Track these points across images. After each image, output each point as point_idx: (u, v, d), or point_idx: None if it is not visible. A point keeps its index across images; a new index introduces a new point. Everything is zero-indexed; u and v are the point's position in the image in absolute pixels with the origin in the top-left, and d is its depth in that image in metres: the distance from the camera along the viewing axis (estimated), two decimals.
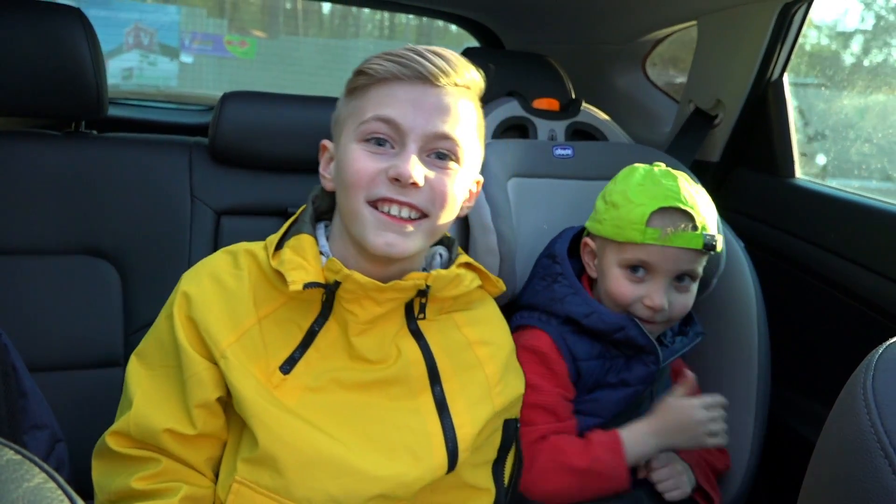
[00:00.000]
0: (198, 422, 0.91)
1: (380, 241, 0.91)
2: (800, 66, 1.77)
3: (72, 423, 1.09)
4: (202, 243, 1.43)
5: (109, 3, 4.42)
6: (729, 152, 1.66)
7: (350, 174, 0.91)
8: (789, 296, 1.45)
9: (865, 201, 1.35)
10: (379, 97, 0.92)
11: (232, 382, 0.90)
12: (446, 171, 0.93)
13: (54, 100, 1.37)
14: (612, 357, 1.21)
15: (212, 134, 1.46)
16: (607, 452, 1.12)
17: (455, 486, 1.00)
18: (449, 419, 0.96)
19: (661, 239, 1.12)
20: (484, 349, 1.03)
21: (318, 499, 0.89)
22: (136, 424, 0.91)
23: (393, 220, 0.91)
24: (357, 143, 0.92)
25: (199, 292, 0.94)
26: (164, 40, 4.41)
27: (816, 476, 0.54)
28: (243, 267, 0.97)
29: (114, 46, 4.35)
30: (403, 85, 0.91)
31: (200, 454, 0.93)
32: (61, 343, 1.32)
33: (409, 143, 0.90)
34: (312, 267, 0.93)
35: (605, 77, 2.00)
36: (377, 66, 0.91)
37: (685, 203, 1.14)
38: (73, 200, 1.37)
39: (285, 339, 0.94)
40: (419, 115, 0.90)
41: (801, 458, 1.32)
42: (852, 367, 0.57)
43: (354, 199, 0.92)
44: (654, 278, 1.15)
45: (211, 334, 0.92)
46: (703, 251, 1.15)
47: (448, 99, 0.92)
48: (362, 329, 0.95)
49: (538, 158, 1.43)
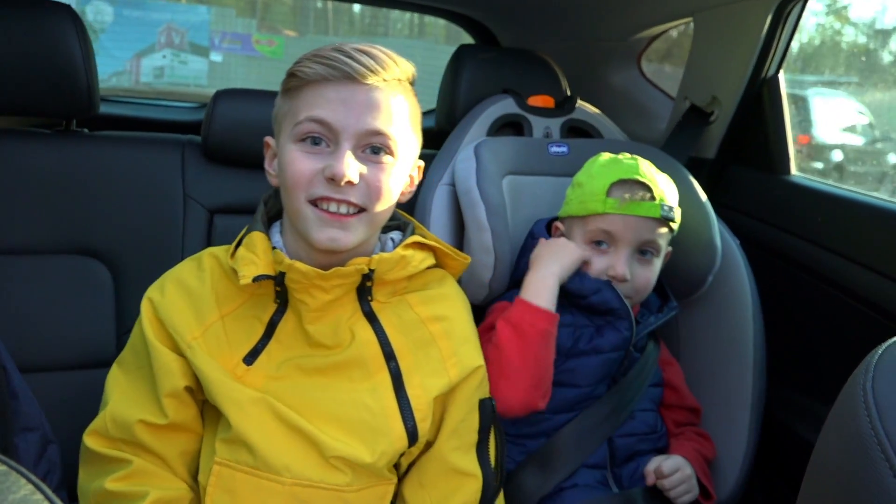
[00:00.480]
0: (168, 411, 0.96)
1: (323, 237, 0.96)
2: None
3: (64, 424, 1.09)
4: (195, 242, 1.42)
5: (143, 3, 4.62)
6: (725, 149, 1.65)
7: (289, 175, 0.97)
8: (785, 293, 1.45)
9: (861, 198, 1.35)
10: (311, 98, 0.96)
11: (199, 367, 0.96)
12: (381, 166, 0.98)
13: (45, 98, 1.36)
14: (581, 325, 1.23)
15: (204, 132, 1.45)
16: (516, 310, 1.17)
17: (441, 473, 1.03)
18: (404, 394, 1.01)
19: (619, 207, 1.19)
20: (436, 325, 1.07)
21: (295, 467, 0.95)
22: (112, 419, 0.97)
23: (333, 217, 0.96)
24: (294, 144, 0.97)
25: (162, 297, 1.01)
26: (194, 39, 4.61)
27: (816, 477, 0.53)
28: (206, 268, 1.04)
29: (146, 45, 4.55)
30: (333, 85, 0.95)
31: (174, 446, 0.98)
32: (53, 343, 1.32)
33: (342, 141, 0.95)
34: (262, 261, 0.98)
35: (601, 74, 2.00)
36: (307, 68, 0.96)
37: (643, 176, 1.21)
38: (64, 199, 1.36)
39: (248, 333, 1.00)
40: (350, 114, 0.95)
41: (797, 455, 1.33)
42: (849, 365, 0.57)
43: (296, 199, 0.97)
44: (616, 249, 1.21)
45: (177, 330, 0.98)
46: (662, 221, 1.21)
47: (378, 95, 0.96)
48: (315, 316, 0.99)
49: (533, 156, 1.42)
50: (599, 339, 1.23)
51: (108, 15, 4.71)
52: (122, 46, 4.69)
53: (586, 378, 1.22)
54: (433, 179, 1.41)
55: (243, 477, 0.95)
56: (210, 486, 0.95)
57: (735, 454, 1.31)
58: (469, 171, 1.32)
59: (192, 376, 0.98)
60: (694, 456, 1.24)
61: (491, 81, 1.60)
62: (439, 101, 1.67)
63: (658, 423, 1.29)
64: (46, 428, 1.08)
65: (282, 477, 0.95)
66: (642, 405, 1.27)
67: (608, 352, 1.22)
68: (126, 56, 4.77)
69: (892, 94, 1.82)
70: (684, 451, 1.24)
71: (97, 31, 4.73)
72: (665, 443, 1.29)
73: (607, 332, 1.23)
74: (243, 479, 0.95)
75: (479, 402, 1.07)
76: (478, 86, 1.58)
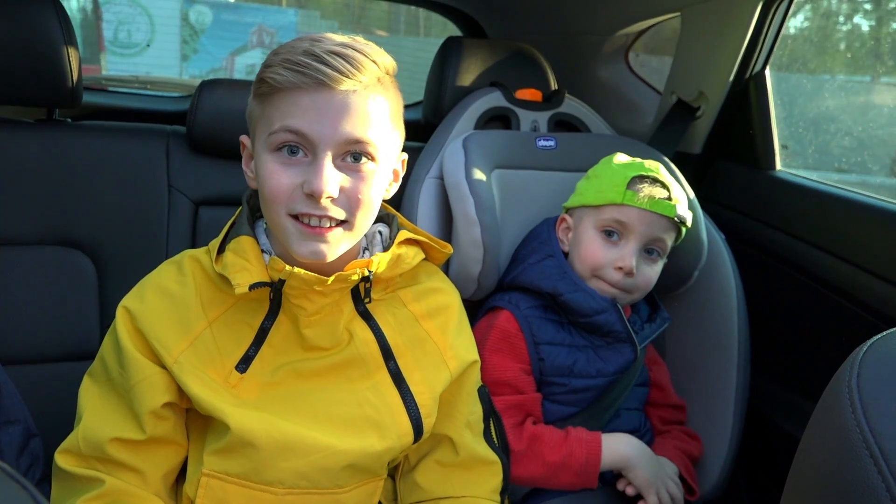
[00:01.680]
0: (147, 426, 0.92)
1: (305, 251, 0.91)
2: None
3: (47, 417, 1.08)
4: (180, 234, 1.41)
5: (239, 7, 5.21)
6: (711, 144, 1.66)
7: (268, 190, 0.91)
8: (769, 288, 1.46)
9: (846, 194, 1.36)
10: (283, 106, 0.89)
11: (188, 385, 0.92)
12: (361, 175, 0.92)
13: (27, 87, 1.33)
14: (580, 347, 1.23)
15: (189, 122, 1.43)
16: (585, 449, 1.15)
17: (463, 465, 1.05)
18: (407, 389, 1.00)
19: (638, 200, 1.18)
20: (430, 322, 1.06)
21: (288, 479, 0.93)
22: (84, 438, 0.92)
23: (314, 231, 0.91)
24: (270, 154, 0.91)
25: (141, 306, 0.95)
26: (282, 40, 5.27)
27: (801, 474, 0.54)
28: (188, 273, 0.99)
29: (240, 45, 5.08)
30: (306, 93, 0.88)
31: (153, 462, 0.94)
32: (35, 336, 1.30)
33: (320, 152, 0.89)
34: (255, 267, 0.94)
35: (588, 68, 2.00)
36: (277, 75, 0.88)
37: (663, 178, 1.23)
38: (46, 190, 1.34)
39: (237, 339, 0.96)
40: (326, 124, 0.88)
41: (780, 449, 1.35)
42: (832, 360, 0.57)
43: (275, 213, 0.92)
44: (627, 242, 1.20)
45: (162, 342, 0.93)
46: (675, 223, 1.21)
47: (354, 100, 0.89)
48: (312, 320, 0.97)
49: (521, 150, 1.42)
50: (603, 363, 1.23)
51: (207, 18, 5.17)
52: (219, 46, 5.20)
53: (586, 399, 1.23)
54: (420, 172, 1.41)
55: (234, 489, 0.93)
56: (199, 499, 0.93)
57: (719, 448, 1.32)
58: (458, 164, 1.31)
59: (175, 391, 0.94)
60: (677, 454, 1.25)
61: (478, 74, 1.59)
62: (426, 94, 1.67)
63: (643, 422, 1.30)
64: (29, 421, 1.07)
65: (274, 488, 0.93)
66: (628, 404, 1.27)
67: (612, 375, 1.23)
68: (222, 55, 5.25)
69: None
70: (667, 451, 1.25)
71: (198, 32, 5.17)
72: (649, 440, 1.30)
73: (608, 354, 1.23)
74: (234, 490, 0.93)
75: (477, 392, 1.09)
76: (465, 79, 1.58)
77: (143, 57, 4.85)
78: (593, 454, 1.15)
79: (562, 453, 1.15)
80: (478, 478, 1.06)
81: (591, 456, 1.15)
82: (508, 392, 1.18)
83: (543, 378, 1.22)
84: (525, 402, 1.19)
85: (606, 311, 1.20)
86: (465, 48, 1.61)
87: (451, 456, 1.06)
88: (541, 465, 1.15)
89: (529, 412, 1.20)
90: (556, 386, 1.22)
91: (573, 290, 1.20)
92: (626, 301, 1.25)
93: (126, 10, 4.72)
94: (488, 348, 1.20)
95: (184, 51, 5.21)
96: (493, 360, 1.19)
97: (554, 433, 1.17)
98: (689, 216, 1.23)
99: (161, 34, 4.96)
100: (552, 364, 1.21)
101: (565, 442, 1.16)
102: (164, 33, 4.97)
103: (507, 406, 1.16)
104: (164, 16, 4.93)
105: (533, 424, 1.18)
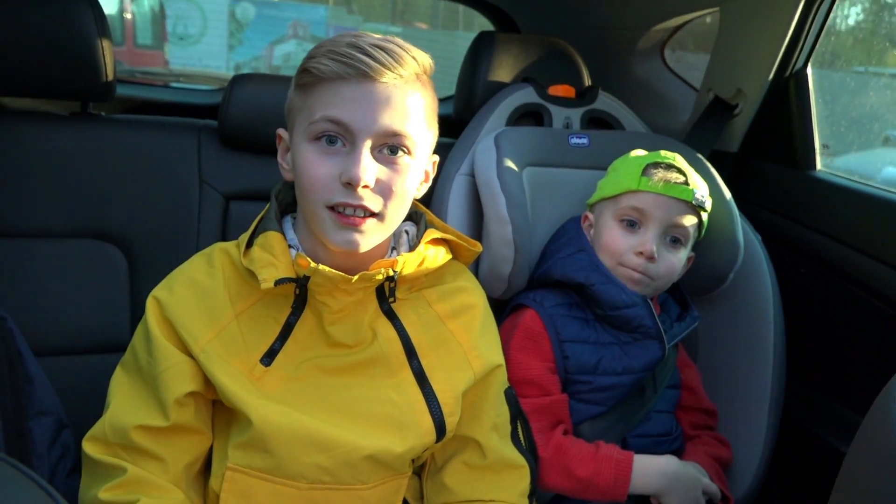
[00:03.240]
0: (171, 413, 0.93)
1: (340, 240, 0.93)
2: None
3: (78, 408, 1.09)
4: (210, 228, 1.42)
5: (279, 4, 6.34)
6: (748, 143, 1.62)
7: (306, 179, 0.93)
8: (807, 291, 1.42)
9: (888, 196, 1.32)
10: (326, 97, 0.92)
11: (214, 374, 0.93)
12: (397, 168, 0.94)
13: (62, 81, 1.35)
14: (605, 344, 1.21)
15: (221, 117, 1.44)
16: (614, 470, 1.13)
17: (491, 468, 1.05)
18: (430, 389, 1.00)
19: (653, 185, 1.19)
20: (454, 322, 1.06)
21: (311, 473, 0.94)
22: (111, 425, 0.94)
23: (349, 221, 0.93)
24: (309, 143, 0.94)
25: (171, 296, 0.98)
26: (314, 32, 6.23)
27: (846, 490, 0.52)
28: (217, 265, 1.01)
29: (278, 36, 6.05)
30: (349, 84, 0.91)
31: (176, 450, 0.95)
32: (67, 327, 1.32)
33: (359, 142, 0.91)
34: (282, 263, 0.95)
35: (623, 63, 1.97)
36: (321, 65, 0.91)
37: (679, 164, 1.23)
38: (79, 183, 1.36)
39: (263, 332, 0.98)
40: (367, 115, 0.91)
41: (815, 457, 1.31)
42: (873, 368, 0.55)
43: (313, 203, 0.94)
44: (646, 229, 1.20)
45: (190, 331, 0.95)
46: (693, 208, 1.20)
47: (395, 93, 0.92)
48: (337, 318, 0.98)
49: (553, 147, 1.40)
50: (630, 360, 1.21)
51: (251, 13, 6.09)
52: (260, 37, 6.17)
53: (613, 398, 1.21)
54: (451, 169, 1.39)
55: (258, 483, 0.94)
56: (224, 492, 0.94)
57: (752, 454, 1.29)
58: (489, 161, 1.30)
59: (202, 380, 0.95)
60: (708, 462, 1.23)
61: (511, 70, 1.57)
62: (458, 89, 1.65)
63: (674, 426, 1.28)
64: (61, 412, 1.08)
65: (297, 482, 0.94)
66: (659, 406, 1.25)
67: (639, 372, 1.21)
68: (263, 44, 6.23)
69: None
70: (698, 457, 1.23)
71: (243, 25, 6.11)
72: (679, 444, 1.27)
73: (636, 350, 1.21)
74: (258, 484, 0.94)
75: (504, 393, 1.09)
76: (497, 74, 1.56)
77: (196, 47, 5.64)
78: (622, 476, 1.13)
79: (590, 470, 1.13)
80: (505, 481, 1.05)
81: (619, 477, 1.13)
82: (534, 393, 1.17)
83: (569, 376, 1.21)
84: (552, 405, 1.17)
85: (637, 306, 1.19)
86: (497, 43, 1.59)
87: (478, 459, 1.05)
88: (566, 477, 1.13)
89: (558, 416, 1.18)
90: (581, 384, 1.20)
91: (605, 282, 1.19)
92: (652, 290, 1.23)
93: (183, 7, 5.58)
94: (513, 347, 1.19)
95: (230, 41, 6.08)
96: (518, 359, 1.18)
97: (583, 447, 1.15)
98: (708, 201, 1.22)
99: (212, 27, 5.75)
100: (577, 361, 1.20)
101: (594, 458, 1.14)
102: (214, 27, 5.79)
103: (533, 409, 1.15)
104: (215, 10, 5.79)
105: (563, 434, 1.17)
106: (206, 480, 1.00)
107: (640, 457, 1.15)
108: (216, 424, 1.00)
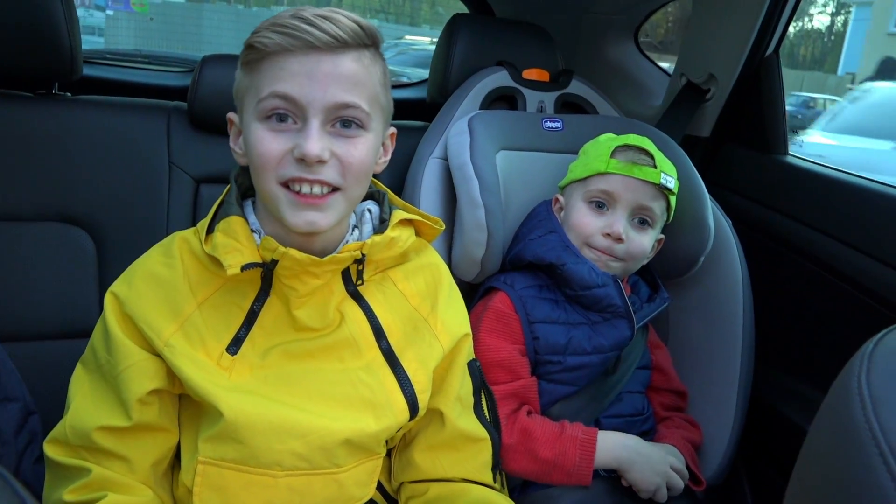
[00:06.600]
0: (133, 413, 0.91)
1: (300, 221, 0.90)
2: None
3: (45, 394, 1.07)
4: (180, 211, 1.40)
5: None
6: (720, 128, 1.64)
7: (257, 157, 0.90)
8: (776, 275, 1.44)
9: (856, 181, 1.34)
10: (273, 71, 0.88)
11: (179, 368, 0.91)
12: (353, 141, 0.91)
13: (26, 60, 1.31)
14: (575, 324, 1.23)
15: (190, 98, 1.41)
16: (579, 450, 1.14)
17: (452, 440, 1.05)
18: (401, 368, 1.00)
19: (621, 167, 1.21)
20: (419, 300, 1.05)
21: (286, 461, 0.92)
22: (72, 427, 0.91)
23: (307, 200, 0.90)
24: (259, 122, 0.90)
25: (129, 291, 0.95)
26: (97, 2, 8.67)
27: (807, 469, 0.52)
28: (176, 255, 0.97)
29: None
30: (295, 56, 0.87)
31: (140, 449, 0.93)
32: (34, 313, 1.29)
33: (310, 117, 0.88)
34: (247, 248, 0.93)
35: (597, 48, 1.97)
36: (265, 38, 0.88)
37: (648, 146, 1.25)
38: (45, 165, 1.33)
39: (227, 321, 0.95)
40: (316, 88, 0.87)
41: (783, 437, 1.34)
42: (839, 349, 0.56)
43: (266, 181, 0.91)
44: (615, 211, 1.22)
45: (152, 326, 0.92)
46: (660, 190, 1.22)
47: (344, 64, 0.89)
48: (303, 301, 0.96)
49: (527, 131, 1.40)
50: (599, 338, 1.22)
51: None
52: None
53: (582, 377, 1.22)
54: (424, 152, 1.39)
55: (232, 474, 0.92)
56: (196, 486, 0.92)
57: (720, 435, 1.31)
58: (463, 145, 1.30)
59: (164, 377, 0.93)
60: (683, 444, 1.24)
61: (485, 53, 1.56)
62: (432, 73, 1.64)
63: (645, 406, 1.29)
64: (28, 398, 1.06)
65: (273, 471, 0.92)
66: (630, 387, 1.27)
67: (608, 351, 1.22)
68: None
69: None
70: (673, 440, 1.24)
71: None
72: (651, 425, 1.29)
73: (605, 329, 1.22)
74: (232, 475, 0.92)
75: (467, 365, 1.09)
76: (472, 57, 1.55)
77: None
78: (587, 454, 1.14)
79: (554, 451, 1.14)
80: (466, 455, 1.06)
81: (584, 456, 1.14)
82: (503, 378, 1.18)
83: (539, 357, 1.22)
84: (520, 390, 1.18)
85: (607, 286, 1.20)
86: (471, 26, 1.58)
87: (439, 432, 1.05)
88: (532, 461, 1.14)
89: (524, 399, 1.19)
90: (551, 364, 1.21)
91: (576, 262, 1.21)
92: (622, 271, 1.25)
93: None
94: (483, 329, 1.20)
95: None
96: (487, 341, 1.19)
97: (547, 427, 1.16)
98: (673, 184, 1.24)
99: None
100: (547, 342, 1.21)
101: (559, 439, 1.15)
102: None
103: (501, 396, 1.16)
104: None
105: (527, 415, 1.17)
106: (174, 476, 0.98)
107: (602, 433, 1.17)
108: (183, 418, 0.98)
